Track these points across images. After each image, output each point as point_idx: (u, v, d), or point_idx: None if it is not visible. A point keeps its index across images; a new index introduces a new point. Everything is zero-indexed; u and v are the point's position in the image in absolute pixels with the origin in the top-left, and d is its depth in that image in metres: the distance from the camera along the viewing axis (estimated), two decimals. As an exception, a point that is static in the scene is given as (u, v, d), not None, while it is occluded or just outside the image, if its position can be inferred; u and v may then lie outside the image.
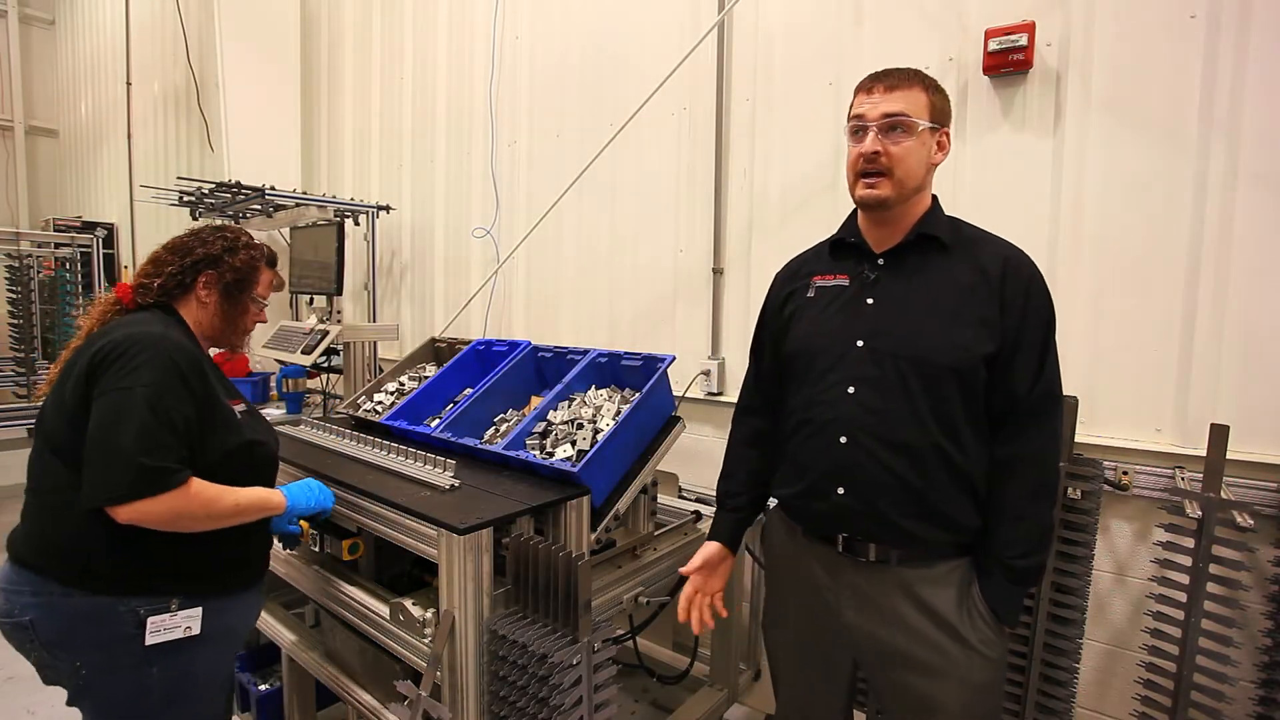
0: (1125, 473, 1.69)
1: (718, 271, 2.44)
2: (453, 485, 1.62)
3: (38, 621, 1.25)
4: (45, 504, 1.30)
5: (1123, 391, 1.72)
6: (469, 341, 2.36)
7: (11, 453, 5.75)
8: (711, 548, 1.47)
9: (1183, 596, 1.52)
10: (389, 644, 1.56)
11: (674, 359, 1.88)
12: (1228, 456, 1.49)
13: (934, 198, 1.30)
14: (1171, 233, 1.64)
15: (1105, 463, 1.66)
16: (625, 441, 1.71)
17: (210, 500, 1.29)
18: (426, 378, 2.29)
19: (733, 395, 2.34)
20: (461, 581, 1.40)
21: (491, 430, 1.97)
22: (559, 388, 1.91)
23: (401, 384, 2.35)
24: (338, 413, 2.36)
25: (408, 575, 1.82)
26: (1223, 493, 1.49)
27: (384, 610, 1.58)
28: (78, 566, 1.26)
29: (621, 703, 1.76)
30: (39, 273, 4.48)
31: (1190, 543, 1.52)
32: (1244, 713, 1.52)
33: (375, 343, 3.29)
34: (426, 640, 1.47)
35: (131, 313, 1.42)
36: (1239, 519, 1.47)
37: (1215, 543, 1.49)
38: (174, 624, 1.30)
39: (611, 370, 2.00)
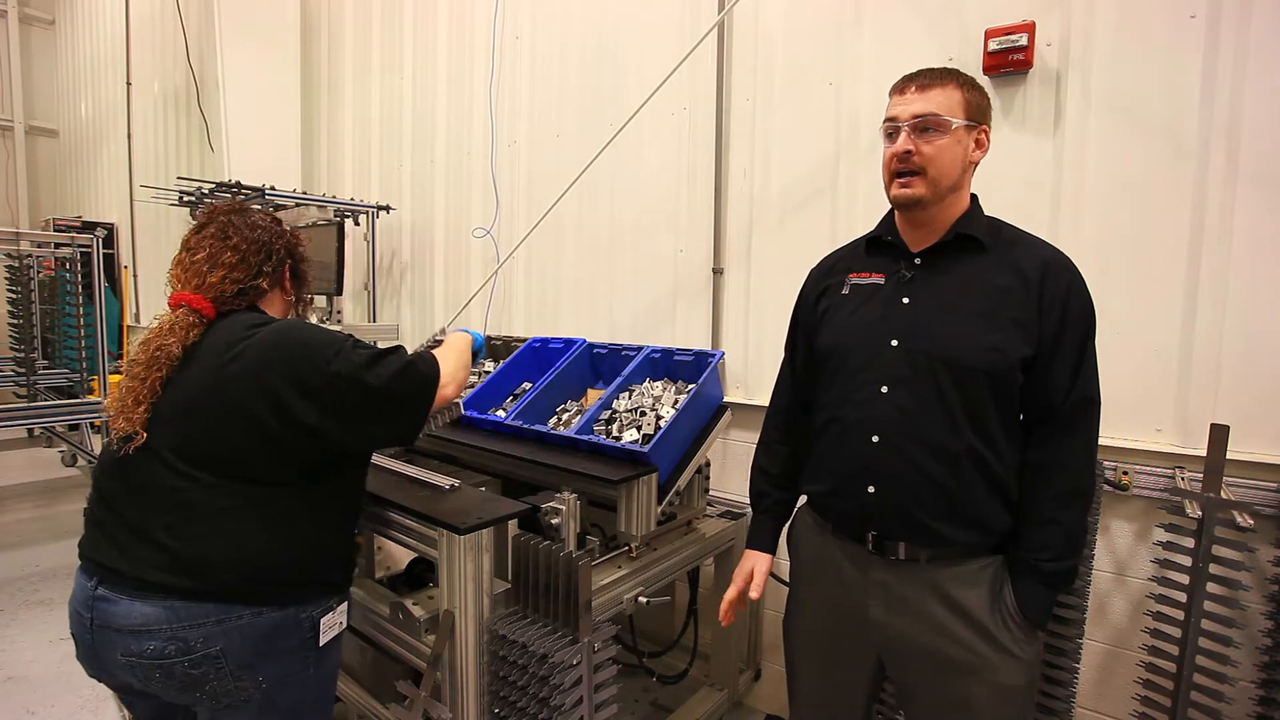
0: (1125, 473, 1.69)
1: (718, 271, 2.44)
2: (452, 486, 1.63)
3: (229, 649, 1.18)
4: (219, 529, 1.19)
5: (1123, 391, 1.72)
6: (523, 340, 2.50)
7: (11, 453, 5.76)
8: (764, 562, 1.47)
9: (1183, 596, 1.52)
10: (389, 644, 1.56)
11: (723, 354, 2.06)
12: (1228, 456, 1.49)
13: (974, 197, 1.28)
14: (1171, 233, 1.64)
15: (1105, 463, 1.66)
16: (684, 427, 1.89)
17: (457, 350, 1.52)
18: (486, 373, 2.46)
19: (734, 395, 2.35)
20: (461, 581, 1.41)
21: (555, 419, 2.11)
22: (619, 380, 2.07)
23: None
24: None
25: (407, 575, 1.82)
26: (1223, 493, 1.48)
27: (384, 610, 1.58)
28: (272, 583, 1.23)
29: (621, 703, 1.76)
30: (39, 273, 4.49)
31: (1190, 543, 1.52)
32: (1244, 713, 1.52)
33: (375, 343, 3.29)
34: (426, 640, 1.47)
35: (225, 318, 1.32)
36: (1239, 519, 1.47)
37: (1215, 543, 1.49)
38: (335, 622, 1.33)
39: (665, 364, 2.18)
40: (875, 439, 1.22)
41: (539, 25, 3.02)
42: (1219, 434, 1.48)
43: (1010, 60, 1.79)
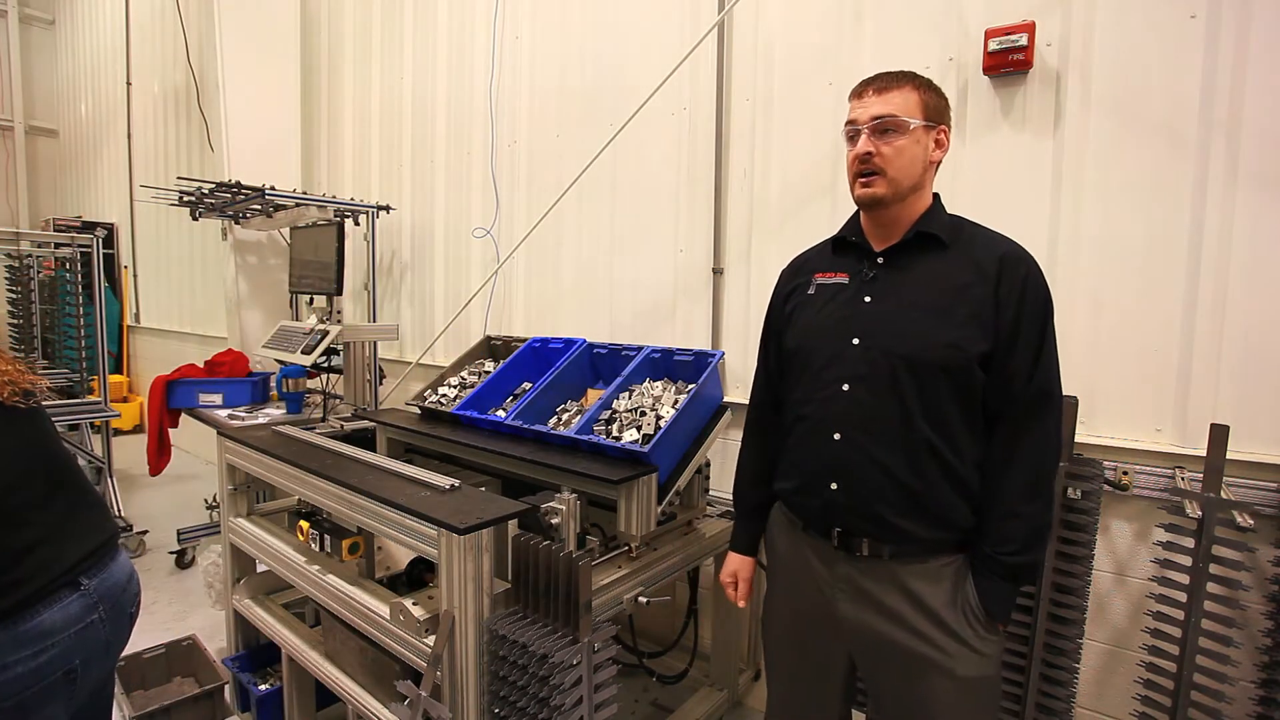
0: (1125, 473, 1.69)
1: (718, 271, 2.44)
2: (453, 486, 1.63)
3: None
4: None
5: (1123, 391, 1.72)
6: (523, 339, 2.51)
7: (11, 453, 5.74)
8: (746, 566, 1.52)
9: (1183, 596, 1.52)
10: (389, 644, 1.56)
11: (724, 354, 2.07)
12: (1228, 456, 1.49)
13: (935, 196, 1.30)
14: (1171, 233, 1.64)
15: (1105, 463, 1.66)
16: (684, 427, 1.89)
17: None
18: (486, 373, 2.48)
19: (734, 395, 2.35)
20: (461, 581, 1.41)
21: (555, 419, 2.11)
22: (619, 380, 2.06)
23: (463, 378, 2.52)
24: (408, 404, 2.49)
25: (408, 575, 1.82)
26: (1223, 493, 1.48)
27: (384, 610, 1.58)
28: None
29: (621, 703, 1.76)
30: (39, 273, 4.48)
31: (1190, 543, 1.52)
32: (1244, 713, 1.52)
33: (375, 343, 3.29)
34: (426, 640, 1.47)
35: None
36: (1239, 519, 1.47)
37: (1215, 543, 1.48)
38: None
39: (665, 364, 2.19)
40: (837, 436, 1.24)
41: (539, 25, 3.02)
42: (1219, 434, 1.48)
43: (1010, 60, 1.79)
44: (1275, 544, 1.52)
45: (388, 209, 3.54)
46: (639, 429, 1.86)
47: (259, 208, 3.43)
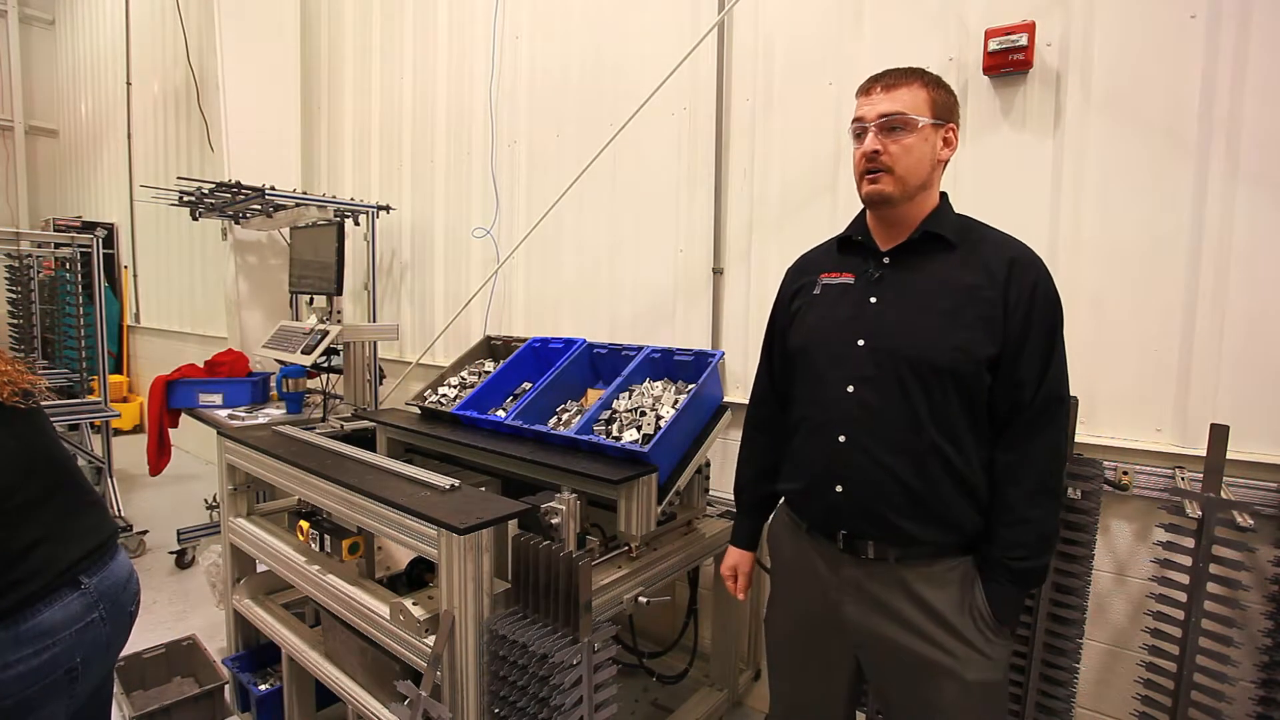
0: (1125, 473, 1.69)
1: (718, 271, 2.44)
2: (453, 486, 1.63)
3: None
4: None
5: (1123, 391, 1.72)
6: (523, 339, 2.51)
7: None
8: (746, 561, 1.53)
9: (1183, 596, 1.52)
10: (389, 644, 1.56)
11: (723, 354, 2.07)
12: (1228, 456, 1.48)
13: (943, 195, 1.29)
14: (1171, 233, 1.64)
15: (1105, 463, 1.66)
16: (684, 427, 1.90)
17: None
18: (486, 373, 2.48)
19: (734, 395, 2.35)
20: (461, 581, 1.41)
21: (555, 419, 2.11)
22: (619, 380, 2.07)
23: (463, 379, 2.52)
24: (408, 404, 2.49)
25: (407, 575, 1.82)
26: (1223, 493, 1.48)
27: (384, 610, 1.58)
28: None
29: (621, 703, 1.76)
30: (39, 273, 4.48)
31: (1190, 543, 1.51)
32: (1244, 713, 1.52)
33: (375, 343, 3.29)
34: (426, 640, 1.47)
35: None
36: (1239, 519, 1.47)
37: (1215, 543, 1.48)
38: None
39: (665, 364, 2.19)
40: (842, 439, 1.23)
41: (539, 25, 3.02)
42: (1219, 434, 1.48)
43: (1010, 60, 1.79)
44: (1275, 544, 1.52)
45: (388, 209, 3.54)
46: (639, 429, 1.86)
47: (259, 208, 3.43)
